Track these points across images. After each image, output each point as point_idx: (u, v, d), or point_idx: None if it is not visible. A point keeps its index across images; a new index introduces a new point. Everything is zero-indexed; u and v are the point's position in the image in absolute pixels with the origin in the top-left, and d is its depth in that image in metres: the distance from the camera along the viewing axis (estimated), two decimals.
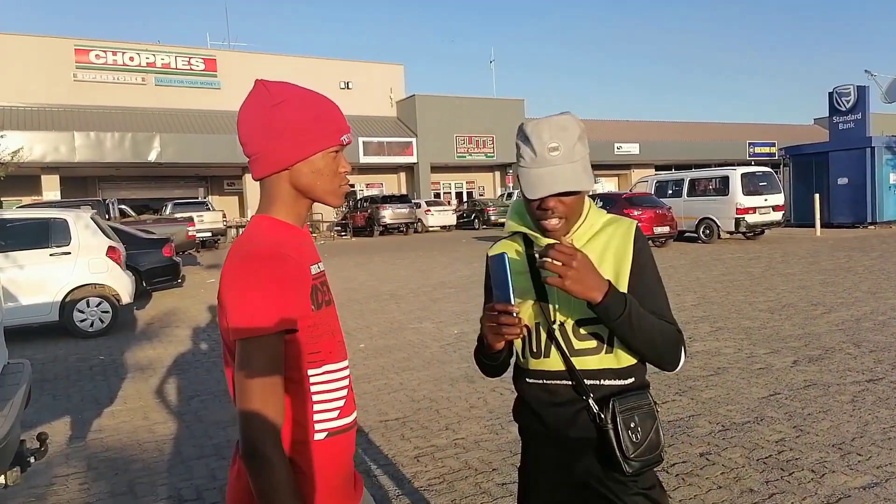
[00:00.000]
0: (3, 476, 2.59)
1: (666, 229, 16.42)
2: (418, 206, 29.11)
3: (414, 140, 33.76)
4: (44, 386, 5.83)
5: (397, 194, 30.66)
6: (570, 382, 1.48)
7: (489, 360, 1.56)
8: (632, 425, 1.41)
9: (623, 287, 1.48)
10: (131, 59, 29.50)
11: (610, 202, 17.39)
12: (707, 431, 4.03)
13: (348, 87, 34.22)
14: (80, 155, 25.95)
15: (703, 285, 10.03)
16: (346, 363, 1.33)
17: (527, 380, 1.56)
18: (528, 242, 1.58)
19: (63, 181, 27.15)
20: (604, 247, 1.51)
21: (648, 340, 1.43)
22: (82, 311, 8.02)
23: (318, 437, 1.26)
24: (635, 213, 16.22)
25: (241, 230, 27.80)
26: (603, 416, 1.43)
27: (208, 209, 23.55)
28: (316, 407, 1.26)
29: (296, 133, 1.25)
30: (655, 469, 1.53)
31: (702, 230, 17.54)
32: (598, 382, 1.48)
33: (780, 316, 7.38)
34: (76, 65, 28.31)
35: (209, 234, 22.29)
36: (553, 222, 1.46)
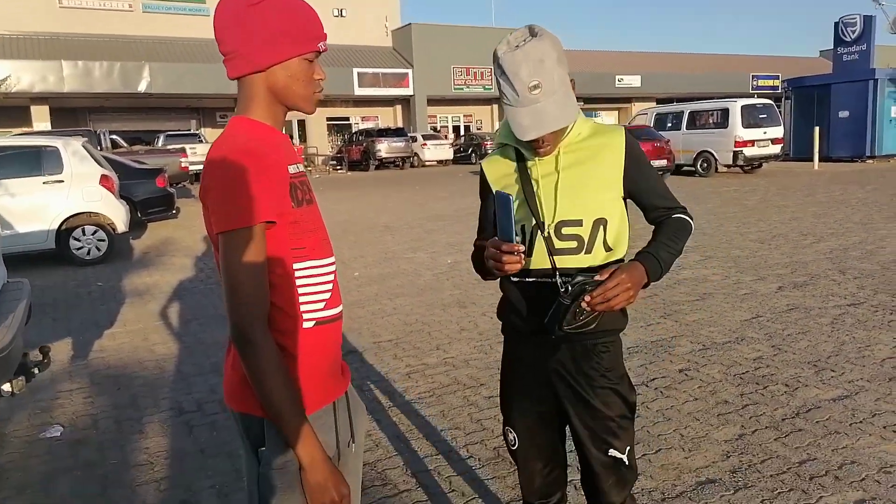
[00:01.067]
0: (9, 384, 2.71)
1: (663, 162, 16.33)
2: (414, 139, 28.79)
3: (410, 71, 33.00)
4: (44, 309, 5.95)
5: (393, 128, 30.23)
6: (550, 280, 1.55)
7: (487, 275, 1.65)
8: (583, 304, 1.44)
9: (617, 185, 1.56)
10: None
11: None
12: (688, 350, 4.18)
13: (342, 15, 33.16)
14: (69, 85, 25.39)
15: (697, 217, 9.98)
16: (331, 259, 1.39)
17: (511, 278, 1.63)
18: (517, 152, 1.63)
19: (53, 112, 26.67)
20: (593, 152, 1.56)
21: (678, 255, 1.59)
22: (78, 240, 8.08)
23: (307, 325, 1.32)
24: None
25: None
26: (568, 289, 1.45)
27: (201, 141, 23.26)
28: (302, 298, 1.32)
29: (273, 35, 1.25)
30: (626, 371, 1.65)
31: (699, 163, 17.46)
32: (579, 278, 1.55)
33: (769, 246, 7.48)
34: None
35: (201, 166, 22.11)
36: (544, 150, 1.53)
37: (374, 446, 3.08)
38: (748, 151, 16.63)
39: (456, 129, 37.32)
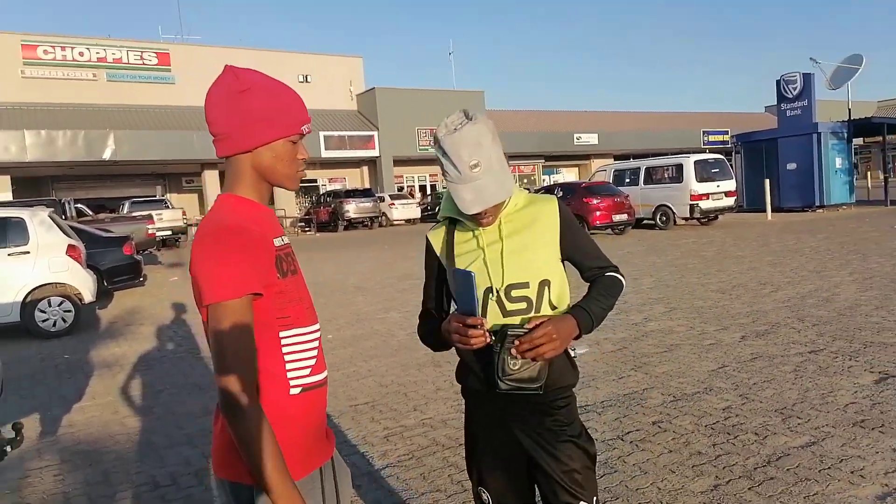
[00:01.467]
0: None
1: (624, 217, 16.86)
2: (382, 199, 29.11)
3: (375, 133, 33.70)
4: (9, 386, 5.76)
5: (360, 188, 30.59)
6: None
7: (440, 347, 1.78)
8: (513, 352, 1.57)
9: (555, 248, 1.71)
10: (81, 53, 28.73)
11: (570, 191, 17.78)
12: (659, 402, 4.28)
13: (307, 81, 33.92)
14: (32, 154, 25.21)
15: (658, 269, 10.39)
16: (316, 326, 1.46)
17: None
18: (452, 221, 1.78)
19: (15, 182, 26.33)
20: (530, 220, 1.71)
21: (611, 309, 1.73)
22: (44, 311, 7.91)
23: (294, 391, 1.38)
24: (594, 201, 16.63)
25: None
26: (494, 339, 1.59)
27: (167, 207, 23.15)
28: (289, 365, 1.38)
29: (260, 119, 1.36)
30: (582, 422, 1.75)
31: (658, 217, 18.04)
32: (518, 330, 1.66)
33: (730, 296, 7.74)
34: (24, 61, 27.47)
35: (169, 232, 21.92)
36: (486, 221, 1.67)
37: None
38: (704, 204, 17.28)
39: (422, 188, 37.90)
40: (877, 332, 5.60)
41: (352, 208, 27.36)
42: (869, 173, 36.45)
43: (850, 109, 22.75)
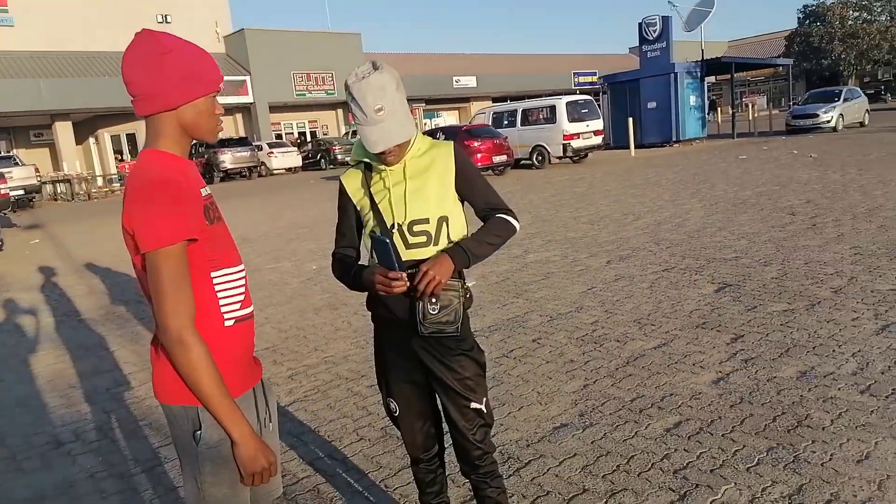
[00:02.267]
0: None
1: (504, 158, 17.48)
2: (260, 148, 28.04)
3: (248, 78, 32.05)
4: None
5: (236, 137, 29.22)
6: (410, 270, 1.90)
7: (357, 288, 1.97)
8: (433, 300, 1.84)
9: (451, 188, 1.92)
10: None
11: (451, 134, 18.09)
12: (538, 322, 4.77)
13: (167, 21, 31.39)
14: None
15: (536, 206, 11.06)
16: (241, 266, 1.64)
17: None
18: (367, 166, 1.97)
19: None
20: (430, 163, 1.93)
21: (494, 247, 1.97)
22: None
23: (228, 323, 1.56)
24: (475, 143, 17.07)
25: (59, 185, 25.24)
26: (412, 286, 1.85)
27: (17, 164, 21.01)
28: (222, 301, 1.56)
29: (185, 78, 1.48)
30: (469, 339, 2.00)
31: (535, 157, 18.88)
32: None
33: (598, 226, 8.48)
34: None
35: (22, 192, 19.99)
36: (391, 160, 1.88)
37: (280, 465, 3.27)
38: (575, 143, 18.28)
39: (302, 135, 36.79)
40: (718, 250, 6.45)
41: (228, 158, 26.18)
42: (719, 109, 39.76)
43: (702, 50, 24.57)
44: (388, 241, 1.77)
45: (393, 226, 1.90)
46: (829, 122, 22.08)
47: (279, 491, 1.77)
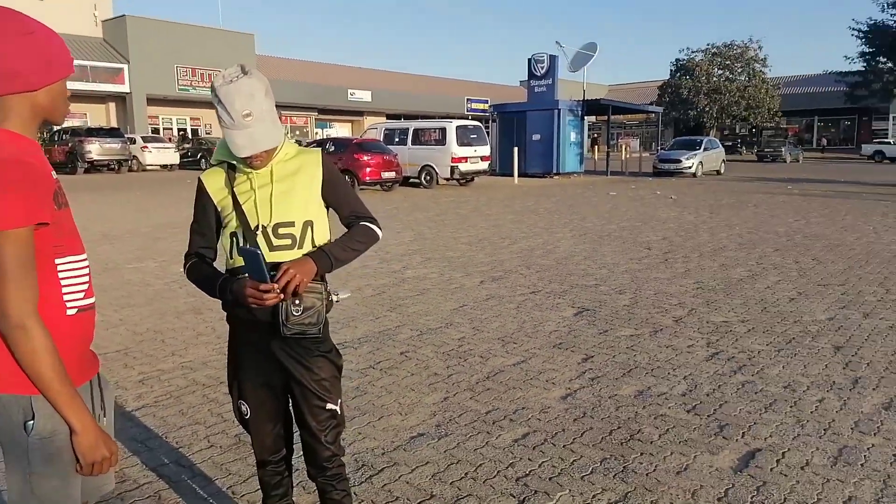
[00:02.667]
0: None
1: (392, 174, 17.62)
2: (133, 141, 26.35)
3: (125, 67, 30.13)
4: None
5: (106, 127, 27.28)
6: (271, 272, 1.91)
7: (214, 295, 1.96)
8: (296, 301, 1.86)
9: (317, 194, 1.96)
10: None
11: (341, 146, 18.00)
12: (408, 336, 4.86)
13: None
14: None
15: (420, 224, 11.24)
16: (85, 256, 1.58)
17: (238, 275, 1.95)
18: (230, 166, 1.96)
19: None
20: (297, 168, 1.96)
21: (357, 252, 2.01)
22: None
23: (70, 312, 1.50)
24: (365, 157, 17.09)
25: None
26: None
27: None
28: (65, 289, 1.50)
29: (48, 62, 1.45)
30: (326, 341, 2.03)
31: (423, 176, 19.19)
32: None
33: (476, 248, 8.77)
34: None
35: None
36: (257, 164, 1.89)
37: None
38: (463, 167, 18.82)
39: (182, 131, 34.99)
40: (581, 277, 6.89)
41: (94, 149, 24.39)
42: (597, 147, 42.49)
43: (584, 90, 26.21)
44: (258, 252, 1.77)
45: (257, 227, 1.90)
46: (690, 167, 24.26)
47: (110, 486, 1.71)
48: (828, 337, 4.78)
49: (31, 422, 1.44)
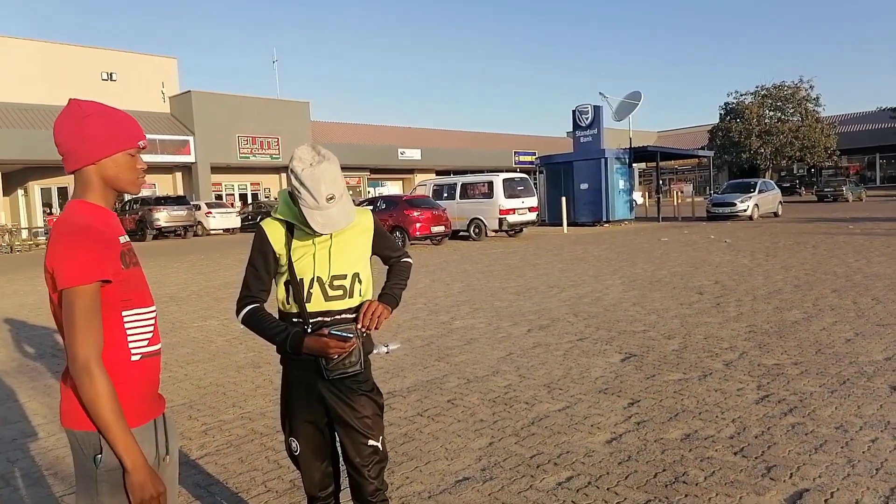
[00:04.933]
0: None
1: (442, 228, 18.00)
2: (198, 207, 27.79)
3: (191, 139, 32.05)
4: None
5: (173, 195, 28.91)
6: (321, 319, 2.13)
7: (273, 341, 2.17)
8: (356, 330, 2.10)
9: (368, 248, 2.24)
10: None
11: (392, 204, 18.56)
12: (455, 384, 4.98)
13: (112, 79, 31.42)
14: None
15: (469, 275, 11.43)
16: (153, 307, 1.82)
17: (293, 319, 2.17)
18: (289, 225, 2.18)
19: None
20: (355, 224, 2.20)
21: (405, 287, 2.35)
22: None
23: (135, 358, 1.73)
24: (414, 213, 17.55)
25: None
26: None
27: None
28: (130, 337, 1.73)
29: (103, 137, 1.71)
30: (369, 385, 2.24)
31: (472, 229, 19.49)
32: (340, 317, 2.15)
33: (524, 297, 8.86)
34: None
35: None
36: (325, 233, 2.10)
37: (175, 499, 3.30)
38: (511, 218, 19.04)
39: (243, 196, 36.67)
40: (629, 323, 6.88)
41: (162, 216, 25.79)
42: (647, 194, 42.10)
43: (630, 138, 26.31)
44: (347, 335, 2.05)
45: (314, 279, 2.11)
46: (745, 210, 23.77)
47: None
48: (884, 377, 4.65)
49: (100, 455, 1.64)
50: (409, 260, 2.42)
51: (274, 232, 2.18)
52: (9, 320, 8.76)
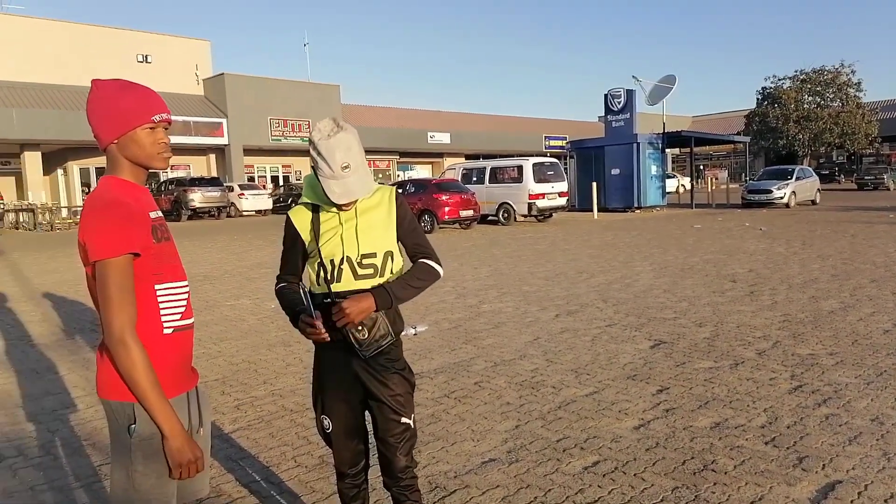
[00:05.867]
0: None
1: (470, 213, 17.96)
2: (231, 189, 28.18)
3: (224, 121, 32.44)
4: None
5: (207, 177, 29.35)
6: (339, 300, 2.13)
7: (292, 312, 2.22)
8: (359, 327, 2.07)
9: (394, 227, 2.18)
10: None
11: (421, 187, 18.56)
12: (482, 368, 5.00)
13: (147, 61, 31.89)
14: None
15: (497, 260, 11.41)
16: (185, 282, 1.85)
17: (323, 300, 2.19)
18: (315, 207, 2.19)
19: None
20: (377, 203, 2.19)
21: (418, 290, 2.20)
22: None
23: (167, 331, 1.77)
24: (443, 197, 17.53)
25: (22, 214, 24.91)
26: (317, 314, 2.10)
27: None
28: (163, 311, 1.76)
29: (117, 115, 1.73)
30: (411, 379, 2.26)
31: (501, 213, 19.41)
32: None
33: (552, 282, 8.82)
34: None
35: None
36: (347, 208, 2.12)
37: (208, 469, 3.39)
38: (540, 203, 18.90)
39: (274, 178, 37.07)
40: (659, 310, 6.81)
41: (197, 197, 26.24)
42: (697, 178, 41.31)
43: (664, 123, 25.83)
44: (304, 290, 2.07)
45: (343, 259, 2.12)
46: (781, 198, 23.20)
47: (205, 491, 1.94)
48: None
49: (134, 425, 1.68)
50: (433, 264, 2.21)
51: (300, 219, 2.20)
52: (50, 296, 9.04)
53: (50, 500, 3.09)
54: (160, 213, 1.85)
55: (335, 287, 2.14)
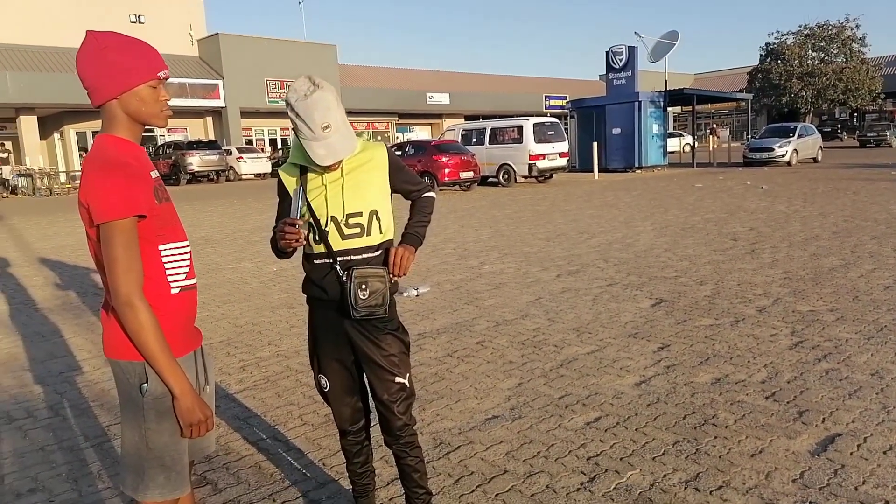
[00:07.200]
0: None
1: (470, 174, 17.84)
2: (229, 152, 27.95)
3: (220, 82, 31.97)
4: None
5: (205, 140, 29.08)
6: (349, 258, 2.13)
7: (282, 253, 2.16)
8: (363, 286, 2.06)
9: (385, 183, 2.18)
10: None
11: (420, 149, 18.40)
12: (484, 328, 5.03)
13: (140, 21, 31.26)
14: None
15: (497, 221, 11.38)
16: (187, 242, 1.84)
17: (314, 261, 2.18)
18: (302, 168, 2.15)
19: None
20: (366, 160, 2.16)
21: (429, 223, 2.29)
22: None
23: (174, 291, 1.76)
24: (443, 158, 17.39)
25: (20, 179, 24.77)
26: (344, 277, 2.09)
27: None
28: (168, 271, 1.76)
29: (122, 70, 1.67)
30: (398, 328, 2.24)
31: (501, 175, 19.29)
32: (360, 257, 2.14)
33: (553, 243, 8.82)
34: None
35: None
36: (332, 169, 2.08)
37: (215, 427, 3.44)
38: (540, 164, 18.76)
39: (273, 141, 36.73)
40: (661, 269, 6.82)
41: (195, 161, 26.04)
42: (704, 136, 40.90)
43: (666, 81, 25.44)
44: (299, 188, 2.02)
45: (328, 218, 2.10)
46: (783, 156, 23.05)
47: (212, 448, 1.98)
48: None
49: (146, 384, 1.69)
50: (431, 194, 2.33)
51: (288, 178, 2.18)
52: (51, 261, 9.05)
53: (60, 460, 3.14)
54: (157, 174, 1.82)
55: (320, 248, 2.12)
